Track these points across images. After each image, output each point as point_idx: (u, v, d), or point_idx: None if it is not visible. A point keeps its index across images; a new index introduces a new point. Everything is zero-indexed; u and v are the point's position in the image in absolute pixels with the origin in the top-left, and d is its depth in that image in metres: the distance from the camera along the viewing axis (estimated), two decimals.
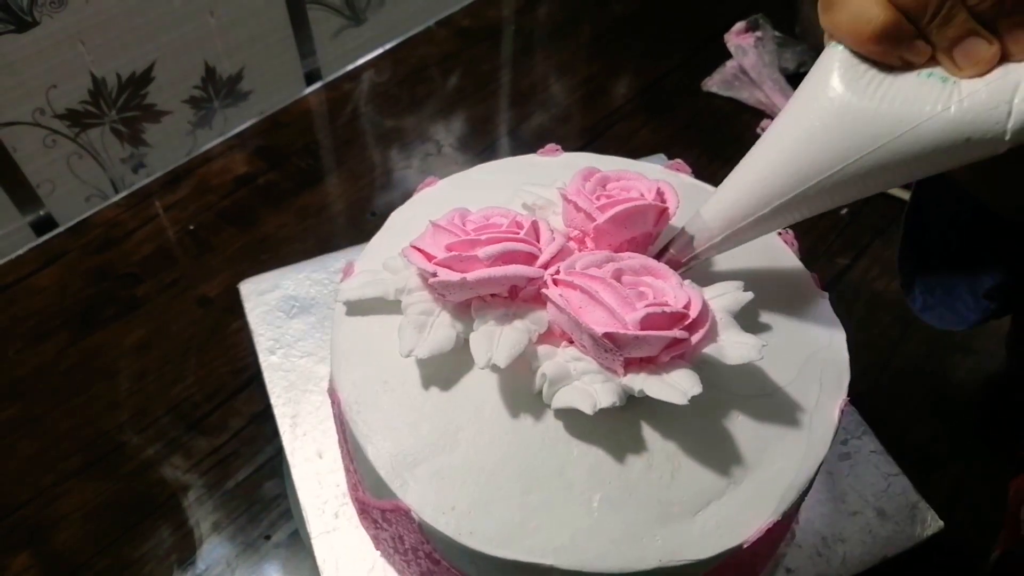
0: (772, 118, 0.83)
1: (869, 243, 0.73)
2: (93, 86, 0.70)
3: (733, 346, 0.33)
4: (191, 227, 0.73)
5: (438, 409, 0.36)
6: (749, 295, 0.36)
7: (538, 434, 0.34)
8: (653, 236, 0.38)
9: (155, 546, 0.55)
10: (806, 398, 0.37)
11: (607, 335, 0.32)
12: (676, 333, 0.32)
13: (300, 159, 0.81)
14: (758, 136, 0.38)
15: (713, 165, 0.79)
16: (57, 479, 0.58)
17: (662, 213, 0.38)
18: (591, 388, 0.33)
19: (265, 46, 0.82)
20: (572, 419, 0.34)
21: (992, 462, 0.59)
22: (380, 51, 0.92)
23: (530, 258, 0.36)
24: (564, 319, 0.34)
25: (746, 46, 0.88)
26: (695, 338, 0.33)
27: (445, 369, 0.36)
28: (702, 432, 0.35)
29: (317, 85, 0.88)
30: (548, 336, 0.35)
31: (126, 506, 0.56)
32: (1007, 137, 0.29)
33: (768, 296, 0.39)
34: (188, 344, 0.65)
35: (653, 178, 0.39)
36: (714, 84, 0.88)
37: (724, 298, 0.35)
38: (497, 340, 0.34)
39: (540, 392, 0.34)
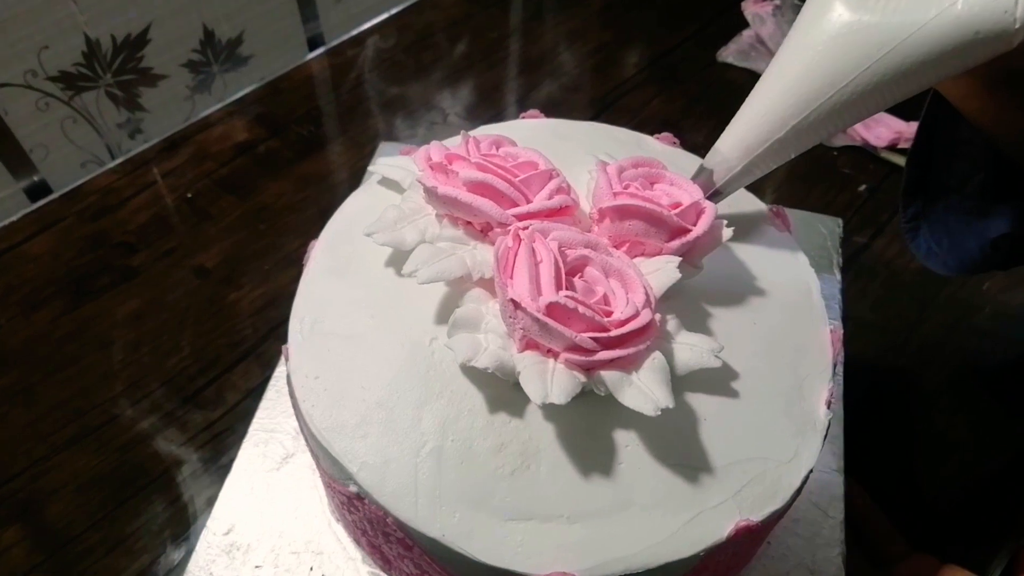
0: None
1: (888, 221, 0.71)
2: (87, 47, 0.68)
3: (633, 394, 0.31)
4: (188, 195, 0.71)
5: (368, 302, 0.37)
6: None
7: (431, 363, 0.34)
8: (662, 251, 0.35)
9: (148, 521, 0.53)
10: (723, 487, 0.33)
11: (512, 301, 0.31)
12: (578, 338, 0.31)
13: (301, 126, 0.78)
14: None
15: None
16: (49, 451, 0.56)
17: (679, 232, 0.35)
18: (483, 344, 0.32)
19: (266, 9, 0.79)
20: (469, 368, 0.34)
21: (1009, 448, 0.57)
22: (385, 16, 0.90)
23: (509, 202, 0.35)
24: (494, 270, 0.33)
25: (764, 15, 0.85)
26: (604, 355, 0.31)
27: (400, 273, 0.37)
28: (584, 439, 0.33)
29: (320, 51, 0.86)
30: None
31: (119, 480, 0.55)
32: (1016, 26, 0.29)
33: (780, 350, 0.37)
34: (184, 315, 0.63)
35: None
36: (730, 54, 0.86)
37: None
38: (434, 258, 0.34)
39: None
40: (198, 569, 0.41)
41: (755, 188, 0.47)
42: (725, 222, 0.36)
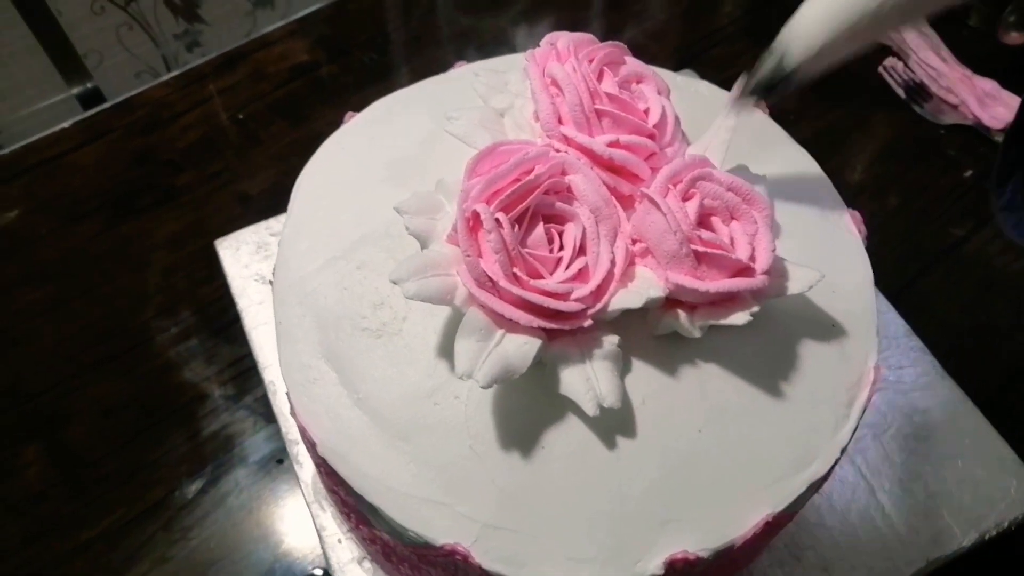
0: (898, 55, 0.72)
1: (993, 213, 0.63)
2: None
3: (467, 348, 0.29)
4: (240, 116, 0.68)
5: (395, 157, 0.38)
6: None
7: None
8: (666, 279, 0.32)
9: (166, 453, 0.52)
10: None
11: (464, 191, 0.30)
12: (468, 262, 0.29)
13: (364, 53, 0.74)
14: (879, 75, 0.31)
15: (820, 106, 0.69)
16: (76, 371, 0.55)
17: (689, 272, 0.31)
18: (435, 227, 0.31)
19: None
20: None
21: None
22: None
23: (570, 121, 0.33)
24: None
25: None
26: (478, 292, 0.29)
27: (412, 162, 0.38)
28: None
29: None
30: None
31: (142, 408, 0.54)
32: None
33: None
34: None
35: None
36: None
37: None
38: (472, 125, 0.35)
39: None
40: None
41: (842, 163, 0.41)
42: (754, 310, 0.30)
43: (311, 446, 0.33)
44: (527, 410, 0.31)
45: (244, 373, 0.55)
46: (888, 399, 0.46)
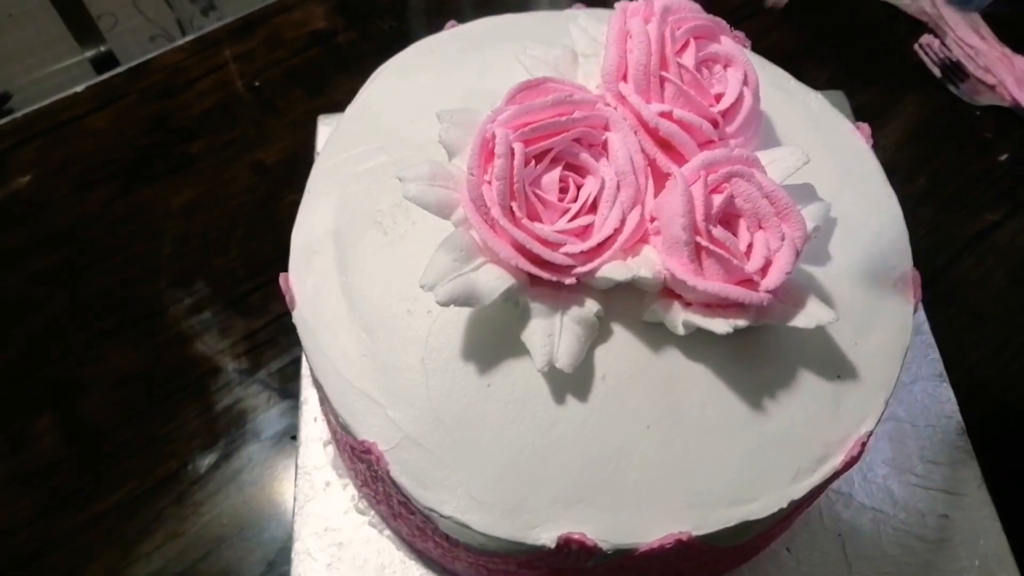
0: (935, 33, 0.70)
1: None
2: None
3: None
4: (256, 83, 0.67)
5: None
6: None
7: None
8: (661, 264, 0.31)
9: (179, 427, 0.51)
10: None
11: (488, 121, 0.30)
12: (470, 188, 0.29)
13: (384, 20, 0.72)
14: (915, 53, 0.29)
15: (851, 82, 0.67)
16: (89, 340, 0.54)
17: (686, 267, 0.31)
18: (436, 174, 0.31)
19: None
20: None
21: None
22: None
23: (633, 82, 0.32)
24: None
25: None
26: (476, 220, 0.29)
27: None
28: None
29: None
30: None
31: (155, 379, 0.53)
32: None
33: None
34: (237, 213, 0.60)
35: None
36: None
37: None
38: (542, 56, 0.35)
39: None
40: None
41: (873, 143, 0.40)
42: (738, 323, 0.29)
43: (291, 305, 0.36)
44: (489, 345, 0.31)
45: (258, 347, 0.54)
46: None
